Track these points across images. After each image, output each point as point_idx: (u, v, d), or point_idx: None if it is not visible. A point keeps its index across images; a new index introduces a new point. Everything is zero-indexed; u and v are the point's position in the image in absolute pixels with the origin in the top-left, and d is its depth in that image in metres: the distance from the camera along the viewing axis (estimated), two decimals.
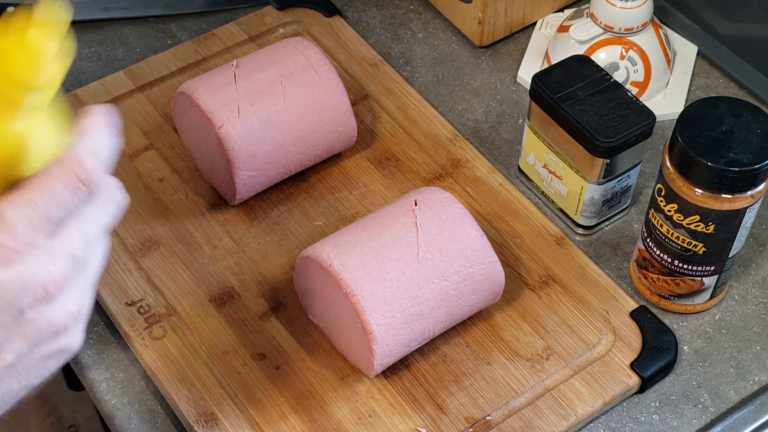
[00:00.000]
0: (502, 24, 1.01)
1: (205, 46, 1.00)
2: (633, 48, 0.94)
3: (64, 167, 0.48)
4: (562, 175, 0.85)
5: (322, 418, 0.75)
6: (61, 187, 0.47)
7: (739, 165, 0.70)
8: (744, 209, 0.73)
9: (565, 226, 0.88)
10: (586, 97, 0.82)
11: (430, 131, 0.93)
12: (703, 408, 0.78)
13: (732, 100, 0.74)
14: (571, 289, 0.82)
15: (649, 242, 0.79)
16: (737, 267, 0.85)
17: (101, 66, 1.00)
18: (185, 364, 0.77)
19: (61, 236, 0.49)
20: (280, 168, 0.85)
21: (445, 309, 0.75)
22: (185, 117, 0.86)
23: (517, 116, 0.96)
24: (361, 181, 0.89)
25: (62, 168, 0.47)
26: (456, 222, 0.75)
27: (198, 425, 0.74)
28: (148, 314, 0.80)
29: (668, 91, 0.97)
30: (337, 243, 0.74)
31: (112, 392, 0.78)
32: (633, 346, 0.79)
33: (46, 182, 0.47)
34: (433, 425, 0.74)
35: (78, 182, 0.48)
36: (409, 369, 0.77)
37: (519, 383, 0.77)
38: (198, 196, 0.88)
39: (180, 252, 0.84)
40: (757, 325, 0.82)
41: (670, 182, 0.74)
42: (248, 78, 0.84)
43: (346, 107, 0.86)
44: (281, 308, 0.81)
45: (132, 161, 0.90)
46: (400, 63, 1.01)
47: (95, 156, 0.49)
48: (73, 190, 0.48)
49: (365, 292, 0.71)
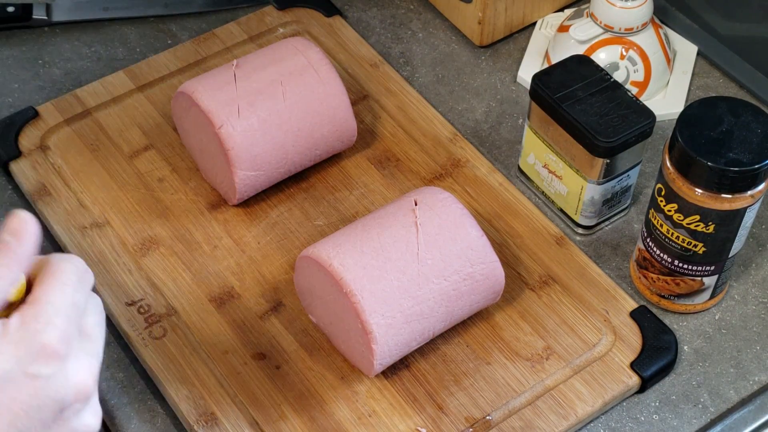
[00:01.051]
0: (502, 24, 1.01)
1: (205, 46, 1.00)
2: (633, 48, 0.94)
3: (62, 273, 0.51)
4: (562, 175, 0.85)
5: (322, 418, 0.75)
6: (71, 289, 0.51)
7: (739, 165, 0.70)
8: (744, 209, 0.73)
9: (565, 226, 0.88)
10: (586, 97, 0.82)
11: (430, 131, 0.93)
12: (703, 408, 0.78)
13: (732, 100, 0.74)
14: (571, 289, 0.82)
15: (649, 242, 0.79)
16: (737, 267, 0.85)
17: (101, 66, 1.00)
18: (185, 364, 0.77)
19: (83, 333, 0.51)
20: (280, 168, 0.85)
21: (445, 309, 0.75)
22: (185, 117, 0.86)
23: (517, 116, 0.96)
24: (361, 181, 0.89)
25: (65, 272, 0.51)
26: (456, 222, 0.75)
27: (198, 425, 0.74)
28: (148, 314, 0.80)
29: (668, 91, 0.97)
30: (337, 243, 0.74)
31: (112, 392, 0.78)
32: (633, 346, 0.79)
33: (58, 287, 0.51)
34: (433, 425, 0.74)
35: (82, 276, 0.52)
36: (409, 369, 0.77)
37: (519, 383, 0.77)
38: (198, 196, 0.88)
39: (180, 252, 0.84)
40: (757, 325, 0.82)
41: (670, 182, 0.74)
42: (248, 78, 0.84)
43: (346, 107, 0.86)
44: (281, 308, 0.81)
45: (132, 161, 0.90)
46: (400, 63, 1.01)
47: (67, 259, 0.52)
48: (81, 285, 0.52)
49: (365, 292, 0.71)
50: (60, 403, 0.49)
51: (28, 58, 1.01)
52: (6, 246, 0.49)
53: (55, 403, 0.49)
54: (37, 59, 1.01)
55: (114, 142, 0.92)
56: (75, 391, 0.50)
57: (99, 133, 0.92)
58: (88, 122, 0.93)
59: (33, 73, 1.00)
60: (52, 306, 0.49)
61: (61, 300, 0.50)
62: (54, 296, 0.50)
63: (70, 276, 0.51)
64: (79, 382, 0.50)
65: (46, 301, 0.49)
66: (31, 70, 1.00)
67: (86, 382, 0.51)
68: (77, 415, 0.51)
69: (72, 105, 0.94)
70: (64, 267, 0.51)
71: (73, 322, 0.50)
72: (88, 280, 0.52)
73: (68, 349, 0.49)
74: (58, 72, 1.00)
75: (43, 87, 0.98)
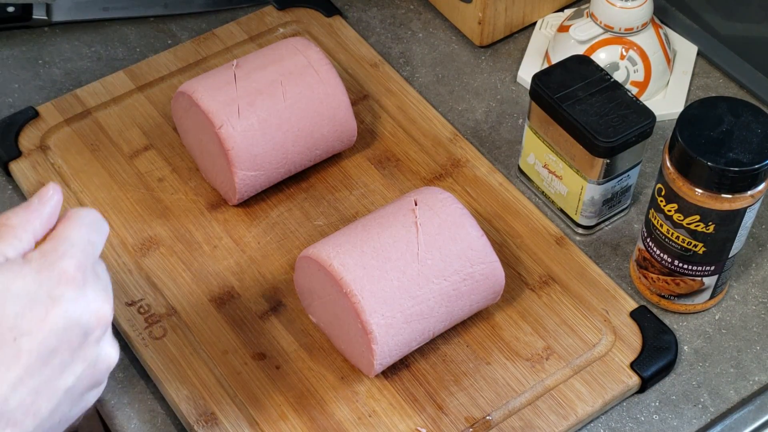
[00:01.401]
0: (502, 24, 1.01)
1: (205, 46, 1.00)
2: (633, 48, 0.94)
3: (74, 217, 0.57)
4: (562, 175, 0.85)
5: (322, 418, 0.75)
6: (87, 229, 0.56)
7: (739, 165, 0.70)
8: (744, 209, 0.73)
9: (565, 226, 0.88)
10: (586, 97, 0.82)
11: (430, 131, 0.93)
12: (703, 408, 0.78)
13: (732, 100, 0.74)
14: (571, 289, 0.82)
15: (649, 242, 0.79)
16: (737, 267, 0.85)
17: (101, 66, 1.00)
18: (185, 364, 0.77)
19: (96, 274, 0.56)
20: (280, 168, 0.85)
21: (445, 309, 0.75)
22: (185, 117, 0.86)
23: (517, 116, 0.96)
24: (361, 181, 0.89)
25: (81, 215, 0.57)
26: (456, 222, 0.75)
27: (198, 425, 0.74)
28: (148, 314, 0.80)
29: (668, 91, 0.97)
30: (337, 243, 0.74)
31: (112, 392, 0.78)
32: (633, 346, 0.79)
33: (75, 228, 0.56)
34: (433, 425, 0.74)
35: (98, 222, 0.57)
36: (409, 369, 0.77)
37: (519, 383, 0.77)
38: (198, 196, 0.88)
39: (180, 252, 0.84)
40: (757, 325, 0.82)
41: (670, 182, 0.74)
42: (248, 78, 0.84)
43: (346, 107, 0.86)
44: (281, 308, 0.81)
45: (132, 161, 0.90)
46: (400, 63, 1.01)
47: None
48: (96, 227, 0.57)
49: (365, 292, 0.71)
50: (84, 327, 0.54)
51: (28, 58, 1.01)
52: (32, 205, 0.56)
53: (79, 326, 0.53)
54: (37, 59, 1.01)
55: (114, 142, 0.92)
56: (96, 317, 0.54)
57: (99, 133, 0.92)
58: (88, 122, 0.93)
59: (33, 73, 1.00)
60: (69, 240, 0.55)
61: (78, 236, 0.55)
62: (71, 232, 0.55)
63: (86, 218, 0.57)
64: (99, 309, 0.55)
65: (65, 236, 0.55)
66: (31, 70, 1.00)
67: (105, 309, 0.55)
68: (98, 343, 0.55)
69: (72, 105, 0.94)
70: (81, 212, 0.57)
71: (88, 256, 0.55)
72: (104, 228, 0.57)
73: (85, 279, 0.54)
74: (58, 72, 1.00)
75: (43, 87, 0.98)
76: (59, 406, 0.54)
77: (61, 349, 0.53)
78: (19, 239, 0.54)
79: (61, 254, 0.54)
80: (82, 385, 0.55)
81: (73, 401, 0.55)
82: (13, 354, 0.51)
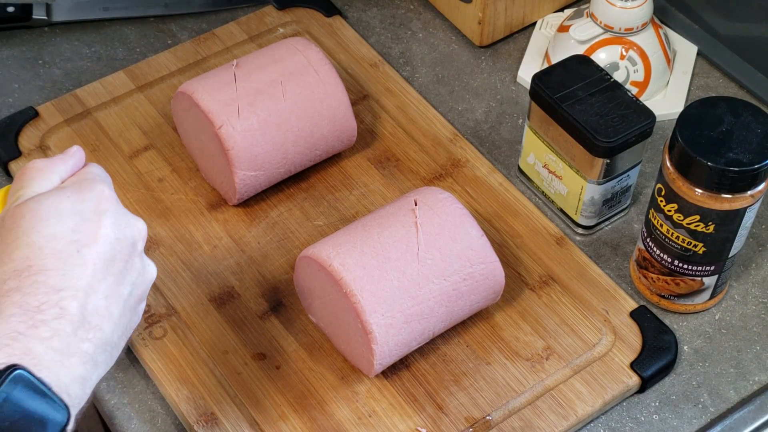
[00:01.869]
0: (502, 24, 1.01)
1: (205, 46, 1.00)
2: (633, 48, 0.94)
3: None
4: (562, 175, 0.85)
5: (322, 418, 0.75)
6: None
7: (739, 165, 0.70)
8: (744, 209, 0.73)
9: (565, 226, 0.88)
10: (586, 97, 0.82)
11: (430, 131, 0.93)
12: (703, 408, 0.78)
13: (732, 100, 0.74)
14: (571, 289, 0.82)
15: (649, 242, 0.79)
16: (737, 267, 0.85)
17: (101, 66, 1.00)
18: (185, 364, 0.77)
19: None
20: (280, 168, 0.85)
21: (445, 309, 0.75)
22: (185, 117, 0.86)
23: (517, 116, 0.96)
24: (361, 181, 0.89)
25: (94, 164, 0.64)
26: (456, 222, 0.75)
27: (198, 425, 0.74)
28: (148, 314, 0.80)
29: (668, 91, 0.97)
30: (337, 243, 0.74)
31: (112, 392, 0.78)
32: (633, 346, 0.79)
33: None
34: (433, 425, 0.74)
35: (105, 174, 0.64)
36: (409, 369, 0.77)
37: (519, 383, 0.77)
38: (198, 196, 0.88)
39: (180, 252, 0.84)
40: (757, 325, 0.82)
41: (670, 182, 0.74)
42: (248, 78, 0.84)
43: (346, 107, 0.86)
44: (281, 308, 0.81)
45: (132, 161, 0.90)
46: (400, 63, 1.01)
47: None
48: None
49: (365, 292, 0.71)
50: (130, 238, 0.59)
51: (28, 58, 1.01)
52: (57, 158, 0.62)
53: (127, 237, 0.59)
54: (37, 59, 1.01)
55: (114, 142, 0.92)
56: (137, 230, 0.60)
57: (99, 133, 0.92)
58: (88, 122, 0.93)
59: (33, 73, 1.00)
60: (93, 173, 0.62)
61: (100, 171, 0.63)
62: (93, 169, 0.62)
63: (98, 167, 0.63)
64: (137, 223, 0.61)
65: (88, 170, 0.62)
66: (31, 70, 1.00)
67: (141, 224, 0.61)
68: (142, 256, 0.61)
69: (72, 105, 0.94)
70: (92, 165, 0.63)
71: (111, 188, 0.61)
72: (110, 179, 0.63)
73: (117, 200, 0.60)
74: (58, 72, 1.00)
75: (43, 87, 0.98)
76: (124, 312, 0.59)
77: (117, 258, 0.58)
78: (48, 180, 0.60)
79: (92, 180, 0.60)
80: (136, 294, 0.60)
81: (132, 310, 0.60)
82: (81, 264, 0.56)
